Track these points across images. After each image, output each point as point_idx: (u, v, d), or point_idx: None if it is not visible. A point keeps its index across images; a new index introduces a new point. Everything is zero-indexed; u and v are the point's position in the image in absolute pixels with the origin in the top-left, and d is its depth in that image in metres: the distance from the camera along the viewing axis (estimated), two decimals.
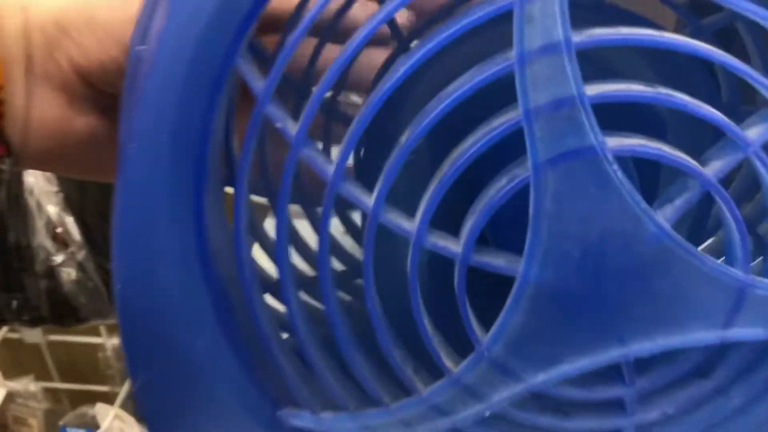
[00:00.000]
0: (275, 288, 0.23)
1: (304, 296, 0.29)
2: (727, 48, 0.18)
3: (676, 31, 0.23)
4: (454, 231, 0.20)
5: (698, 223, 0.27)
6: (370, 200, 0.19)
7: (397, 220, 0.19)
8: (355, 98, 0.33)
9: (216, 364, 0.23)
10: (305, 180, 0.28)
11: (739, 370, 0.21)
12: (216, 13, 0.19)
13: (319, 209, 0.28)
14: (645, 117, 0.22)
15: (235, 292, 0.23)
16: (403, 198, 0.21)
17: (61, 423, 0.82)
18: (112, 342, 0.91)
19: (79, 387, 1.01)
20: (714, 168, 0.18)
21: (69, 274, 0.60)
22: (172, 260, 0.22)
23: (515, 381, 0.20)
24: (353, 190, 0.19)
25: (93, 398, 0.91)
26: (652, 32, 0.17)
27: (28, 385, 0.87)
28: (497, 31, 0.18)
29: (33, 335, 0.95)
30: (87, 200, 0.61)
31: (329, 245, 0.21)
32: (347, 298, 0.30)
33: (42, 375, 0.95)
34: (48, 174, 0.59)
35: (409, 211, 0.20)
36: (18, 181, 0.58)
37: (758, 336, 0.19)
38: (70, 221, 0.59)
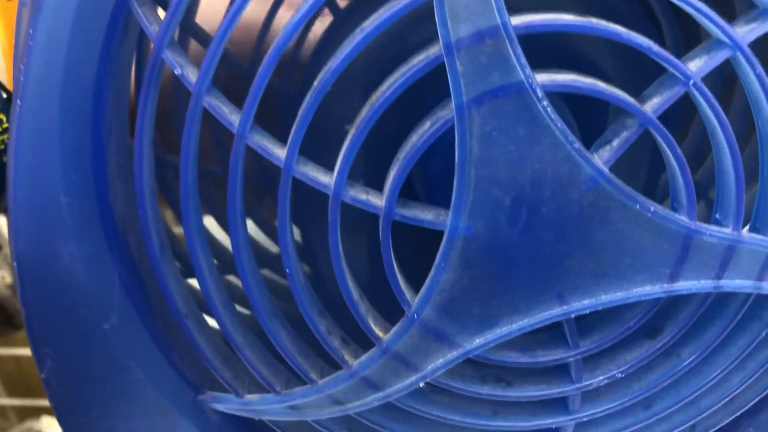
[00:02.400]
0: (188, 263, 0.21)
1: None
2: None
3: None
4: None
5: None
6: (282, 152, 0.17)
7: (313, 173, 0.17)
8: None
9: (128, 346, 0.21)
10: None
11: (688, 329, 0.20)
12: None
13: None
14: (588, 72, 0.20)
15: (148, 267, 0.21)
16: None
17: None
18: None
19: (27, 403, 0.97)
20: (653, 104, 0.17)
21: (3, 278, 0.57)
22: (72, 233, 0.20)
23: (450, 347, 0.19)
24: (262, 142, 0.17)
25: (42, 413, 0.88)
26: None
27: None
28: None
29: None
30: None
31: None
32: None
33: None
34: None
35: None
36: None
37: (706, 288, 0.18)
38: (2, 221, 0.56)
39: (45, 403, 0.99)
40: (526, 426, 0.21)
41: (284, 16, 0.26)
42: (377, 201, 0.17)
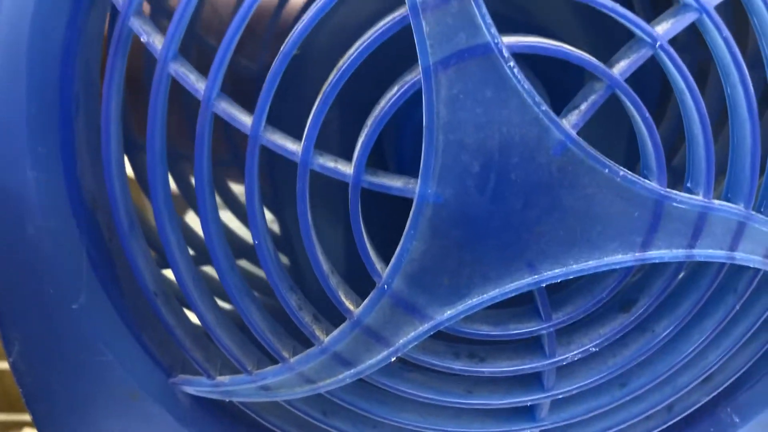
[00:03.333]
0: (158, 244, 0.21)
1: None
2: None
3: None
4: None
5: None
6: (248, 120, 0.17)
7: (281, 141, 0.17)
8: None
9: (97, 327, 0.21)
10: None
11: (662, 302, 0.19)
12: None
13: None
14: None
15: (117, 245, 0.21)
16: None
17: None
18: None
19: (8, 418, 0.96)
20: (620, 67, 0.16)
21: None
22: (38, 210, 0.20)
23: (420, 319, 0.18)
24: (229, 109, 0.17)
25: (24, 426, 0.86)
26: None
27: None
28: None
29: None
30: None
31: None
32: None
33: None
34: None
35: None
36: None
37: (678, 257, 0.18)
38: None
39: (26, 417, 0.98)
40: (501, 404, 0.20)
41: None
42: (346, 169, 0.17)
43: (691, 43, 0.27)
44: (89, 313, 0.21)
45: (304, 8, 0.26)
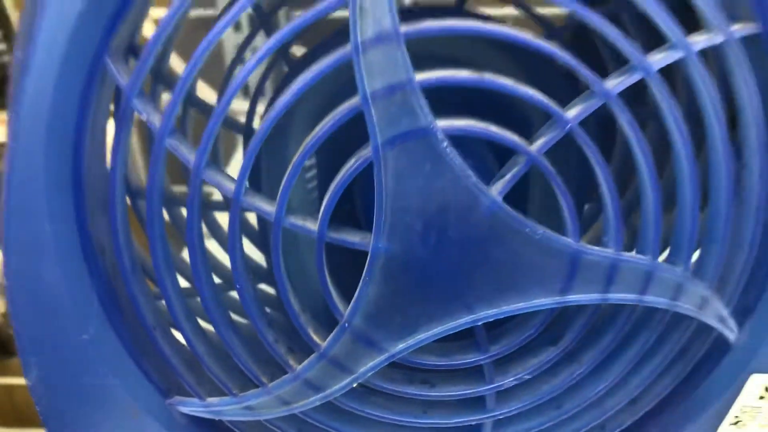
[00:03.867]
0: (153, 277, 0.24)
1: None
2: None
3: None
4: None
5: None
6: (231, 185, 0.21)
7: (258, 203, 0.21)
8: None
9: (104, 355, 0.24)
10: None
11: (585, 337, 0.23)
12: (84, 16, 0.20)
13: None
14: (515, 114, 0.24)
15: (121, 285, 0.24)
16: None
17: None
18: None
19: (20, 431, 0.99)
20: (538, 144, 0.20)
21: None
22: (55, 257, 0.23)
23: (377, 351, 0.22)
24: (215, 177, 0.21)
25: None
26: (474, 23, 0.19)
27: None
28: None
29: None
30: None
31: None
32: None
33: None
34: None
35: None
36: None
37: (594, 300, 0.21)
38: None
39: (37, 431, 1.01)
40: (451, 423, 0.24)
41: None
42: (312, 226, 0.21)
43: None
44: (97, 343, 0.24)
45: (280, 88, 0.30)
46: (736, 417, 0.26)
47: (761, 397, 0.26)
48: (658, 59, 0.19)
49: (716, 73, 0.21)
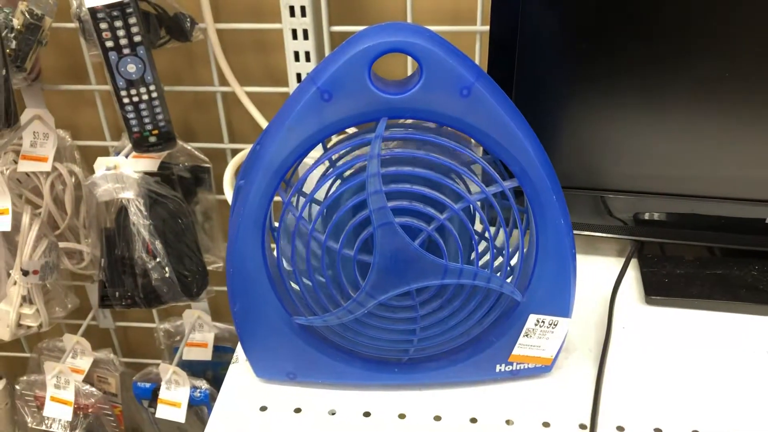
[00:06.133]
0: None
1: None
2: None
3: None
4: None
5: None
6: (322, 235, 0.57)
7: (330, 242, 0.58)
8: None
9: (266, 299, 0.61)
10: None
11: (450, 296, 0.59)
12: (271, 174, 0.57)
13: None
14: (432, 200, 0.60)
15: (272, 265, 0.61)
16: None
17: (134, 379, 1.19)
18: (163, 326, 1.28)
19: (138, 361, 1.38)
20: (446, 213, 0.56)
21: (157, 273, 0.98)
22: (251, 257, 0.60)
23: (373, 299, 0.58)
24: (317, 235, 0.57)
25: (145, 366, 1.28)
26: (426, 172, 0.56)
27: (108, 354, 1.24)
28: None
29: (106, 322, 1.33)
30: (167, 228, 0.99)
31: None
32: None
33: (113, 351, 1.33)
34: (143, 210, 0.97)
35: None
36: (125, 215, 0.97)
37: (453, 282, 0.58)
38: (157, 242, 0.97)
39: (146, 360, 1.40)
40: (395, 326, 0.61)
41: None
42: (350, 252, 0.57)
43: None
44: (264, 293, 0.61)
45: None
46: (525, 331, 0.63)
47: (535, 323, 0.62)
48: (506, 184, 0.56)
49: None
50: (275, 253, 0.60)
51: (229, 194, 0.95)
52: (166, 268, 0.99)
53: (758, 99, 0.70)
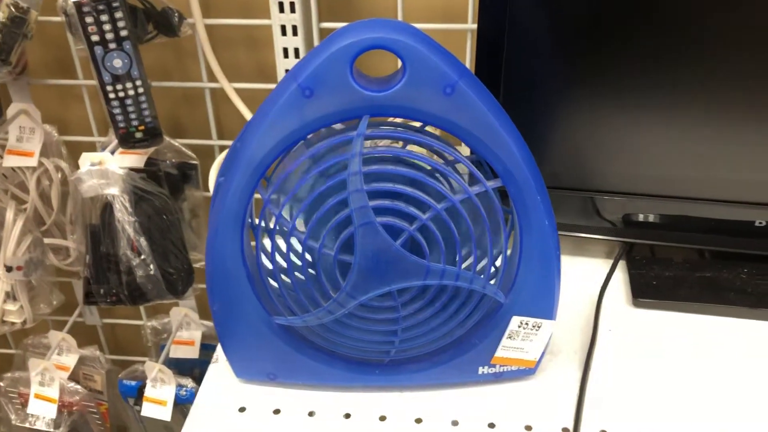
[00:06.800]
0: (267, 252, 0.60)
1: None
2: None
3: None
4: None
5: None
6: (302, 234, 0.56)
7: (309, 241, 0.57)
8: None
9: (245, 297, 0.60)
10: None
11: (433, 298, 0.58)
12: (251, 171, 0.56)
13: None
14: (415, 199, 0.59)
15: (252, 263, 0.60)
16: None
17: (120, 376, 1.18)
18: (151, 323, 1.27)
19: (125, 358, 1.37)
20: (429, 213, 0.55)
21: (142, 271, 0.97)
22: (231, 256, 0.59)
23: (354, 299, 0.58)
24: (297, 234, 0.56)
25: (132, 364, 1.27)
26: (408, 170, 0.55)
27: (94, 352, 1.23)
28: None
29: (93, 319, 1.32)
30: (152, 225, 0.98)
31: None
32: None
33: (99, 348, 1.32)
34: (128, 207, 0.96)
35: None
36: (110, 211, 0.96)
37: (436, 282, 0.57)
38: (142, 240, 0.96)
39: (134, 358, 1.38)
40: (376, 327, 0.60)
41: None
42: (331, 251, 0.57)
43: None
44: (243, 292, 0.60)
45: None
46: (509, 333, 0.62)
47: (518, 325, 0.61)
48: (490, 184, 0.55)
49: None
50: (255, 251, 0.59)
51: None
52: (151, 266, 0.98)
53: (751, 101, 0.69)
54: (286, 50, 0.93)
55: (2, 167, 1.02)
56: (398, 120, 0.60)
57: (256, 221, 0.59)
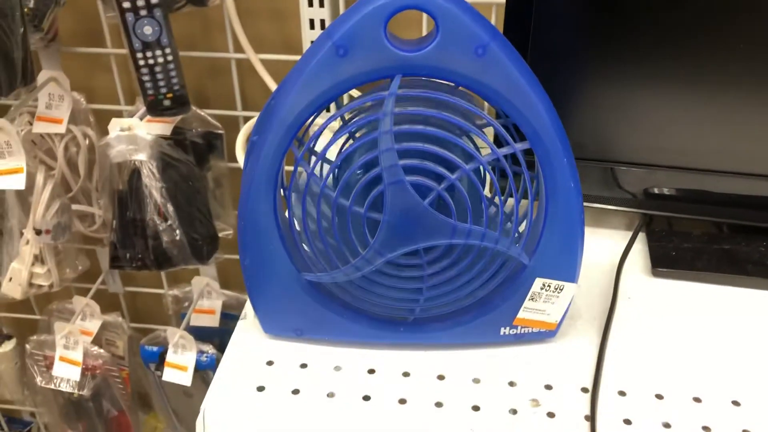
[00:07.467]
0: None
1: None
2: None
3: None
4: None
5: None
6: (333, 192, 0.58)
7: (340, 199, 0.58)
8: None
9: (276, 254, 0.62)
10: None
11: (458, 257, 0.60)
12: (285, 129, 0.57)
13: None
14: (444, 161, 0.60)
15: (284, 220, 0.62)
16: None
17: (141, 342, 1.20)
18: (172, 292, 1.29)
19: (146, 326, 1.39)
20: (457, 173, 0.57)
21: (168, 236, 0.99)
22: (265, 215, 0.61)
23: (381, 256, 0.59)
24: (328, 192, 0.58)
25: (149, 332, 1.29)
26: (434, 130, 0.56)
27: (116, 318, 1.26)
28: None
29: (115, 287, 1.34)
30: (179, 192, 1.00)
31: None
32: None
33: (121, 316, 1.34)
34: (156, 173, 0.98)
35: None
36: (138, 177, 0.98)
37: (461, 242, 0.58)
38: (169, 205, 0.98)
39: (152, 326, 1.42)
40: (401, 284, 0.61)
41: None
42: (360, 209, 0.58)
43: None
44: (275, 249, 0.62)
45: None
46: (531, 295, 0.63)
47: (541, 287, 0.63)
48: (518, 146, 0.56)
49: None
50: (286, 211, 0.61)
51: (241, 159, 0.96)
52: (177, 231, 1.00)
53: None
54: (312, 22, 0.94)
55: (32, 133, 1.04)
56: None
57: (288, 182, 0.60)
